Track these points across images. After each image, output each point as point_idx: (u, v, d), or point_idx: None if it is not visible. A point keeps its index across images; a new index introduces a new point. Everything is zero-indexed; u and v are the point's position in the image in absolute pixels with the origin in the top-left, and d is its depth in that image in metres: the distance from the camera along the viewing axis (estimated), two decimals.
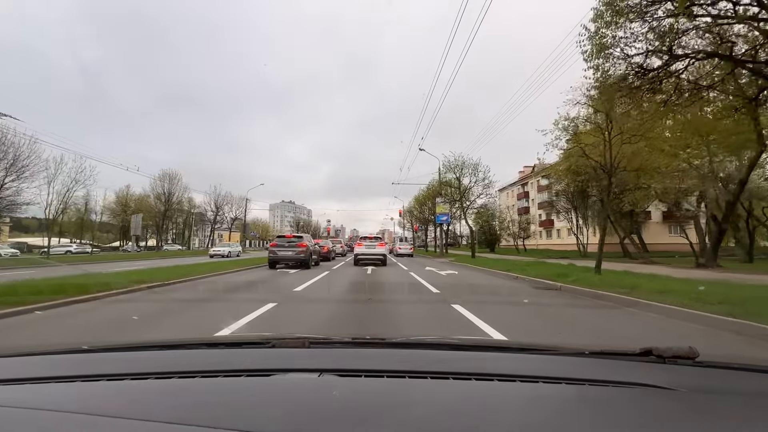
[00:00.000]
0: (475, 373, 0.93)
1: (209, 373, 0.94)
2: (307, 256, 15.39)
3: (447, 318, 5.45)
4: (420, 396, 0.81)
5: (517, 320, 5.57)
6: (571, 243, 34.22)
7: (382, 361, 1.08)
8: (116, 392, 0.85)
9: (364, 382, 0.90)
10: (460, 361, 1.11)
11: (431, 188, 38.91)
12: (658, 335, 4.68)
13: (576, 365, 1.07)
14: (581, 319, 5.82)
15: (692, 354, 1.01)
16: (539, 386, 0.88)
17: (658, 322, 5.25)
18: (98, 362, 1.11)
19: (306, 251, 15.26)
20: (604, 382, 0.89)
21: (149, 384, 0.89)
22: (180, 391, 0.85)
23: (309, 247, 15.73)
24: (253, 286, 9.91)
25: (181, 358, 1.15)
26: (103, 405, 0.77)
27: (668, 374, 0.93)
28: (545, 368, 1.02)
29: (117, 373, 0.94)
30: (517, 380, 0.90)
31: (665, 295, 6.19)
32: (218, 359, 1.15)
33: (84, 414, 0.70)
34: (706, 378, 0.96)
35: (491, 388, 0.87)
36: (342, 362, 1.07)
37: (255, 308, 5.60)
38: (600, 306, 6.65)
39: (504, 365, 1.04)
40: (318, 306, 6.88)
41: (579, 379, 0.91)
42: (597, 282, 8.32)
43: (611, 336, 4.60)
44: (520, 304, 7.09)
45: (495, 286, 10.33)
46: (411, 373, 0.94)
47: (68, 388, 0.87)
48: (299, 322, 5.46)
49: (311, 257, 16.04)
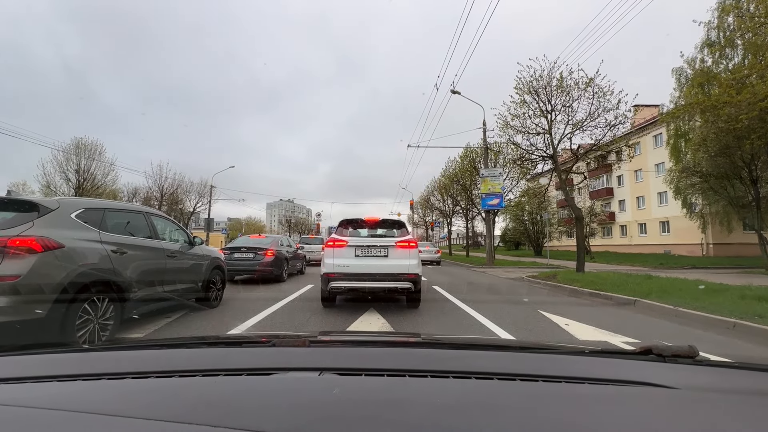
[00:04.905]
0: (475, 372, 0.93)
1: (209, 372, 0.94)
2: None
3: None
4: (420, 395, 0.81)
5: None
6: (670, 243, 26.94)
7: (383, 360, 1.08)
8: (117, 391, 0.85)
9: (365, 381, 0.90)
10: (460, 360, 1.11)
11: (467, 155, 26.03)
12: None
13: (576, 364, 1.07)
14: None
15: (692, 353, 1.02)
16: (539, 385, 0.88)
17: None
18: (98, 361, 1.11)
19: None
20: (604, 380, 0.89)
21: (149, 383, 0.90)
22: (180, 390, 0.85)
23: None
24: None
25: (181, 357, 1.15)
26: (103, 404, 0.77)
27: (668, 373, 0.94)
28: (545, 367, 1.02)
29: (117, 372, 0.94)
30: (517, 379, 0.90)
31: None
32: (218, 358, 1.15)
33: (84, 413, 0.70)
34: (706, 377, 0.96)
35: (491, 387, 0.87)
36: (342, 361, 1.07)
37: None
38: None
39: (504, 364, 1.04)
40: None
41: (579, 378, 0.91)
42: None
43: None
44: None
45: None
46: (411, 372, 0.94)
47: (68, 387, 0.87)
48: None
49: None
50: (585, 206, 31.29)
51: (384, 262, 6.12)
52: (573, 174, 15.46)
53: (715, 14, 17.35)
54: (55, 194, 32.37)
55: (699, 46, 18.35)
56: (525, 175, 22.45)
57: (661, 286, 8.37)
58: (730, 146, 15.15)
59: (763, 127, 13.04)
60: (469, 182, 26.82)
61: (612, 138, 13.53)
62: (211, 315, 5.96)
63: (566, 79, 12.65)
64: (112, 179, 36.10)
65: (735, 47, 16.55)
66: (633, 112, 13.45)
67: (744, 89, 12.62)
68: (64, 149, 33.31)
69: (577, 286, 9.62)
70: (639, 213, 34.42)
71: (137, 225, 5.14)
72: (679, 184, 20.56)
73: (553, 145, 13.47)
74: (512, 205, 29.28)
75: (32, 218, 3.75)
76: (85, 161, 34.18)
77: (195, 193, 41.46)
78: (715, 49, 16.83)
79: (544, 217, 25.13)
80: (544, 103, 13.10)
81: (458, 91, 20.25)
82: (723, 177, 17.09)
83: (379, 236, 6.72)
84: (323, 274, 6.15)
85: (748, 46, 13.88)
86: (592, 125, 12.97)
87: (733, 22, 16.23)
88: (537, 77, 12.88)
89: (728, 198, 18.12)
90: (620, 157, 15.10)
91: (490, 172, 21.07)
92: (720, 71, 16.17)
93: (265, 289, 9.13)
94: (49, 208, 3.95)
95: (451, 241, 33.77)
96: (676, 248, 29.08)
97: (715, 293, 7.16)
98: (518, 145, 14.37)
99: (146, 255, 4.95)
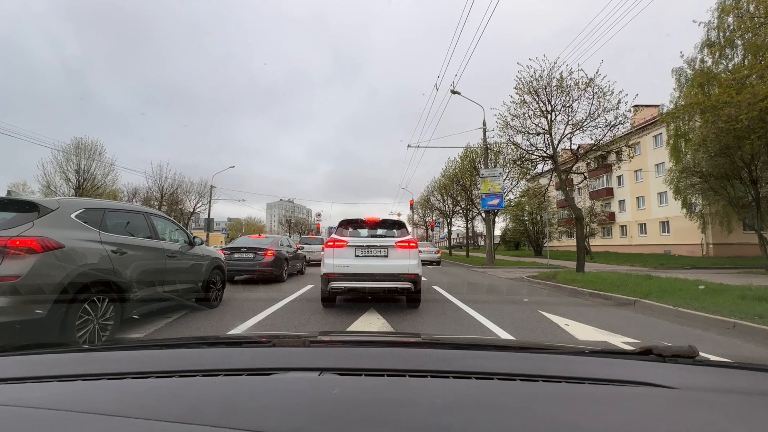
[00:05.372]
0: (475, 372, 0.93)
1: (209, 372, 0.94)
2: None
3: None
4: (420, 395, 0.81)
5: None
6: (670, 243, 26.93)
7: (383, 360, 1.08)
8: (117, 391, 0.85)
9: (365, 381, 0.90)
10: (461, 360, 1.11)
11: (468, 155, 26.41)
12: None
13: (576, 364, 1.07)
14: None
15: (692, 353, 1.02)
16: (539, 385, 0.88)
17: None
18: (99, 361, 1.11)
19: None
20: (604, 380, 0.89)
21: (149, 383, 0.90)
22: (180, 390, 0.85)
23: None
24: None
25: (181, 357, 1.15)
26: (103, 404, 0.77)
27: (668, 373, 0.94)
28: (545, 367, 1.02)
29: (117, 372, 0.94)
30: (517, 379, 0.90)
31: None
32: (218, 358, 1.15)
33: (84, 413, 0.70)
34: (705, 377, 0.96)
35: (491, 387, 0.87)
36: (342, 361, 1.07)
37: None
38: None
39: (504, 364, 1.04)
40: None
41: (579, 378, 0.91)
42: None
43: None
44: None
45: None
46: (411, 372, 0.94)
47: (69, 387, 0.87)
48: None
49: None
50: (585, 206, 31.30)
51: (384, 262, 6.10)
52: (573, 174, 15.38)
53: (715, 14, 17.40)
54: (55, 194, 32.31)
55: (699, 46, 18.43)
56: (525, 175, 22.49)
57: (661, 286, 8.37)
58: (730, 146, 15.15)
59: (763, 127, 13.01)
60: (469, 182, 26.89)
61: (612, 138, 13.52)
62: (211, 315, 5.95)
63: (566, 80, 12.65)
64: (112, 179, 36.15)
65: (735, 47, 16.61)
66: (633, 113, 13.48)
67: (744, 89, 12.66)
68: (64, 149, 33.31)
69: (577, 286, 9.61)
70: (639, 213, 34.48)
71: (137, 225, 5.14)
72: (679, 184, 20.52)
73: (553, 145, 13.47)
74: (512, 205, 29.18)
75: (32, 218, 3.74)
76: (85, 161, 34.16)
77: (195, 193, 41.51)
78: (715, 49, 16.86)
79: (544, 217, 24.88)
80: (544, 103, 13.13)
81: (458, 92, 20.27)
82: (723, 177, 17.10)
83: (379, 236, 6.67)
84: (323, 274, 6.12)
85: (748, 46, 13.90)
86: (592, 125, 12.99)
87: (733, 23, 16.26)
88: (537, 77, 12.89)
89: (728, 198, 18.13)
90: (620, 158, 15.11)
91: (490, 172, 21.08)
92: (720, 71, 16.18)
93: (265, 290, 9.13)
94: (49, 208, 3.94)
95: (451, 241, 33.72)
96: (676, 248, 29.08)
97: (715, 293, 7.16)
98: (518, 146, 14.35)
99: (146, 255, 4.95)
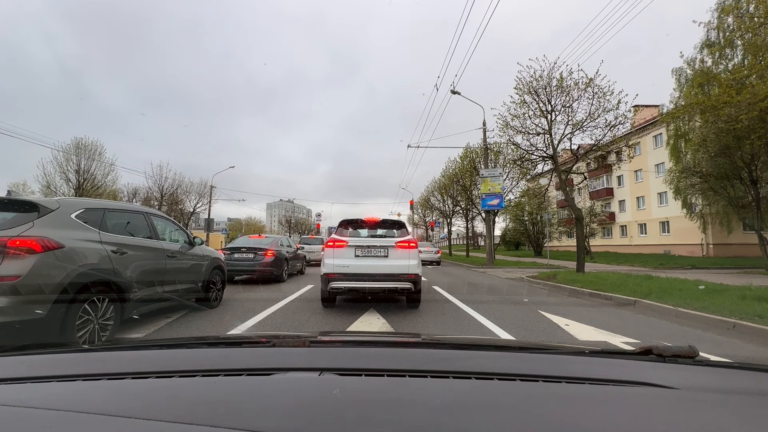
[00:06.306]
0: (475, 372, 0.93)
1: (209, 372, 0.94)
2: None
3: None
4: (420, 395, 0.81)
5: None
6: (670, 243, 26.97)
7: (383, 360, 1.08)
8: (117, 391, 0.85)
9: (365, 381, 0.90)
10: (461, 360, 1.11)
11: (468, 155, 26.19)
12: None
13: (576, 364, 1.07)
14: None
15: (692, 353, 1.02)
16: (539, 385, 0.88)
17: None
18: (99, 361, 1.11)
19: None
20: (605, 381, 0.89)
21: (150, 383, 0.90)
22: (180, 390, 0.85)
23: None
24: None
25: (181, 357, 1.15)
26: (103, 404, 0.77)
27: (668, 373, 0.94)
28: (545, 367, 1.02)
29: (117, 372, 0.94)
30: (517, 379, 0.90)
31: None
32: (218, 358, 1.15)
33: (84, 413, 0.70)
34: (706, 377, 0.96)
35: (491, 387, 0.87)
36: (342, 361, 1.07)
37: None
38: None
39: (504, 364, 1.04)
40: None
41: (579, 378, 0.91)
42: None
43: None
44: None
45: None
46: (411, 372, 0.94)
47: (69, 387, 0.87)
48: None
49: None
50: (585, 206, 31.32)
51: (384, 262, 6.09)
52: (573, 174, 15.36)
53: (714, 15, 17.38)
54: (55, 194, 32.31)
55: (699, 46, 18.44)
56: (525, 175, 22.59)
57: (661, 286, 8.37)
58: (730, 146, 15.21)
59: (763, 127, 13.06)
60: (469, 182, 26.88)
61: (612, 138, 13.51)
62: (211, 315, 5.96)
63: (566, 80, 12.66)
64: (112, 179, 36.14)
65: (735, 48, 16.61)
66: (633, 113, 13.46)
67: (744, 89, 12.66)
68: (64, 149, 33.29)
69: (577, 286, 9.61)
70: (639, 213, 34.51)
71: (137, 225, 5.14)
72: (679, 184, 20.51)
73: (553, 145, 13.47)
74: (512, 205, 29.29)
75: (32, 218, 3.74)
76: (85, 161, 34.16)
77: (195, 193, 41.40)
78: (714, 49, 16.89)
79: (544, 217, 24.79)
80: (544, 103, 13.14)
81: (458, 92, 20.23)
82: (723, 177, 17.11)
83: (379, 236, 6.64)
84: (323, 274, 6.11)
85: (748, 46, 13.88)
86: (592, 125, 13.00)
87: (732, 23, 16.25)
88: (537, 78, 12.90)
89: (728, 198, 18.14)
90: (620, 158, 15.17)
91: (490, 172, 21.05)
92: (720, 71, 16.18)
93: (265, 290, 9.15)
94: (49, 208, 3.93)
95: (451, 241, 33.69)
96: (676, 248, 29.09)
97: (715, 293, 7.16)
98: (518, 146, 14.33)
99: (146, 255, 4.95)
